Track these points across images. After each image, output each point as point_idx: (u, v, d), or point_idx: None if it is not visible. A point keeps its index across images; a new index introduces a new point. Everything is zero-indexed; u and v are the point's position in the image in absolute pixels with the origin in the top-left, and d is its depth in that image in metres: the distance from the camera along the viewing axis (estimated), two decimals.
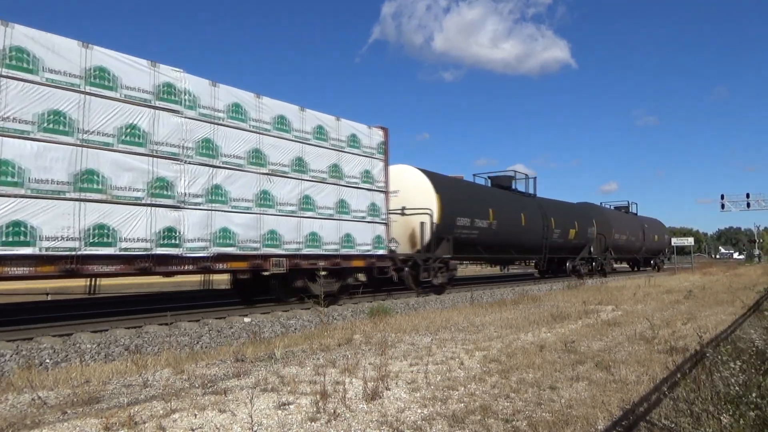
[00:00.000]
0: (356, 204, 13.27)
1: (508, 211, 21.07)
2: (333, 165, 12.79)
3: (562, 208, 26.82)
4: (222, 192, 10.25)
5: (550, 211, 24.31)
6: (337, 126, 13.09)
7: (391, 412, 4.25)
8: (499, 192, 22.46)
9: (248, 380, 5.20)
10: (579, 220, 26.98)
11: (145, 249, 8.95)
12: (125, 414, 3.98)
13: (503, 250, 21.24)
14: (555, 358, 6.30)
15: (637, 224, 37.12)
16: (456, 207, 17.56)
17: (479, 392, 4.86)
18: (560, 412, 4.23)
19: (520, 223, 21.55)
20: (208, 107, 10.19)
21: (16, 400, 4.67)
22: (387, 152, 14.58)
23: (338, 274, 12.98)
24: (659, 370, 5.62)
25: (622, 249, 33.79)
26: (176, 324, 9.53)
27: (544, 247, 23.75)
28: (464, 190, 19.65)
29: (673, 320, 9.85)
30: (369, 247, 13.53)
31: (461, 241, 17.91)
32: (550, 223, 23.75)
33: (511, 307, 12.16)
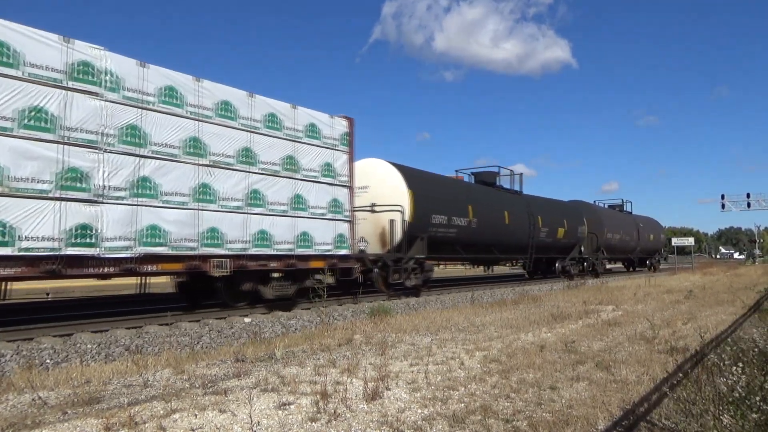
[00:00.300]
0: (315, 200, 12.24)
1: (490, 209, 19.98)
2: (288, 157, 11.69)
3: (550, 206, 25.63)
4: (151, 185, 9.17)
5: (536, 209, 23.29)
6: (293, 114, 11.97)
7: (392, 412, 4.26)
8: (480, 188, 21.34)
9: (248, 380, 5.21)
10: (568, 218, 25.85)
11: (52, 249, 7.90)
12: (126, 414, 3.98)
13: (485, 249, 20.14)
14: (555, 358, 6.30)
15: (632, 223, 36.01)
16: (431, 204, 16.49)
17: (479, 392, 4.86)
18: (560, 412, 4.23)
19: (503, 222, 20.49)
20: (135, 90, 9.08)
21: (17, 400, 4.67)
22: (352, 144, 13.45)
23: (294, 276, 12.08)
24: (660, 370, 5.62)
25: (616, 249, 32.61)
26: (176, 324, 9.54)
27: (531, 246, 22.68)
28: (441, 185, 18.33)
29: (673, 320, 9.85)
30: (330, 246, 12.51)
31: (437, 241, 16.80)
32: (537, 222, 22.70)
33: (511, 307, 12.16)
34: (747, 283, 20.72)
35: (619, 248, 33.19)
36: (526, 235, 22.22)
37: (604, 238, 29.64)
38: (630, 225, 35.33)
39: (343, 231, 12.94)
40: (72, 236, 8.17)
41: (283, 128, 11.71)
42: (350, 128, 13.49)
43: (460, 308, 12.57)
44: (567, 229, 25.16)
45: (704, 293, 16.15)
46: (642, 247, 37.39)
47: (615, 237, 31.63)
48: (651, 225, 40.78)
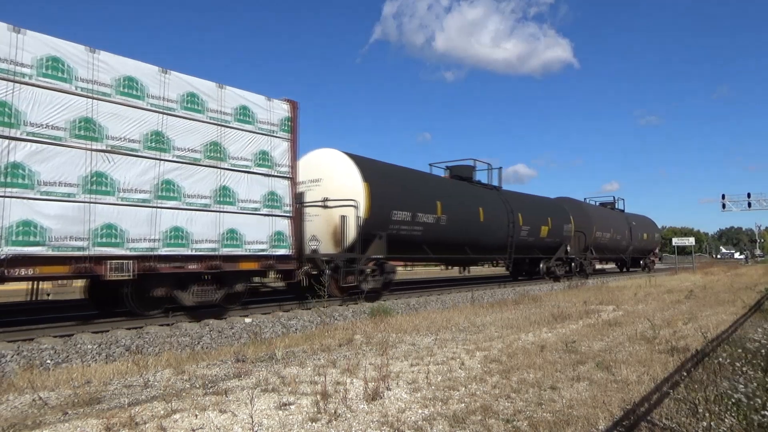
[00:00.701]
0: (246, 192, 10.74)
1: (463, 205, 18.15)
2: (212, 143, 10.17)
3: (532, 202, 23.81)
4: (24, 173, 7.84)
5: (517, 205, 21.54)
6: (220, 95, 10.44)
7: (392, 412, 4.25)
8: (451, 183, 19.46)
9: (249, 381, 5.21)
10: (553, 216, 23.98)
11: None
12: (126, 414, 3.99)
13: (457, 249, 18.40)
14: (556, 358, 6.30)
15: (624, 222, 34.20)
16: (391, 199, 14.75)
17: (480, 392, 4.86)
18: (561, 412, 4.23)
19: (477, 219, 18.68)
20: (6, 60, 7.81)
21: (18, 400, 4.67)
22: (295, 130, 11.89)
23: (221, 279, 10.55)
24: (660, 370, 5.62)
25: (606, 248, 30.63)
26: (177, 324, 9.53)
27: (510, 246, 20.91)
28: (404, 179, 16.36)
29: (674, 320, 9.84)
30: (265, 246, 11.02)
31: (400, 240, 15.17)
32: (517, 220, 20.97)
33: (512, 307, 12.16)
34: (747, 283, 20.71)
35: (610, 248, 31.43)
36: (505, 233, 20.54)
37: (593, 237, 27.84)
38: (622, 223, 33.65)
39: (282, 228, 11.41)
40: None
41: (206, 110, 10.18)
42: (293, 112, 11.86)
43: (461, 308, 12.57)
44: (551, 227, 23.46)
45: (705, 293, 16.15)
46: (635, 246, 35.76)
47: (605, 236, 29.85)
48: (645, 223, 39.00)
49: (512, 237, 20.85)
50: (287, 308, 12.14)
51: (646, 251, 39.33)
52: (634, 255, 37.00)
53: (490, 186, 21.73)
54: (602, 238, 29.36)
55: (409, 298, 14.92)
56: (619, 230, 32.36)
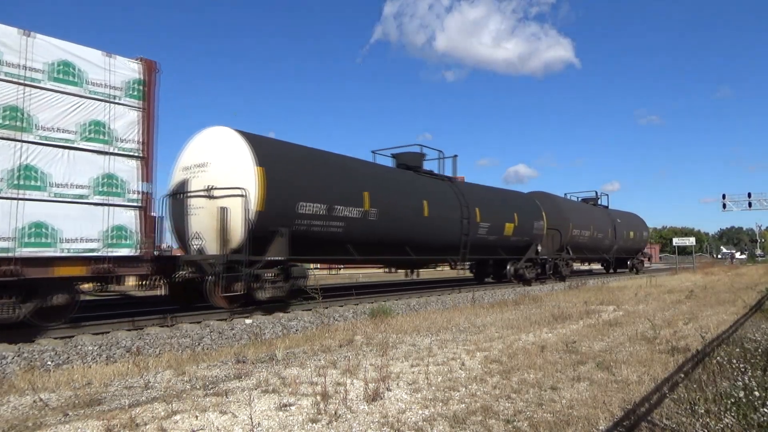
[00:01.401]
0: (66, 174, 8.29)
1: (401, 198, 15.37)
2: (8, 108, 7.77)
3: (494, 196, 20.97)
4: None
5: (474, 199, 18.75)
6: (24, 44, 7.95)
7: (392, 413, 4.26)
8: (385, 172, 16.44)
9: (249, 381, 5.21)
10: (520, 212, 21.30)
11: None
12: (127, 416, 3.99)
13: (394, 249, 15.42)
14: (556, 359, 6.30)
15: (606, 219, 31.19)
16: (298, 188, 12.08)
17: (480, 393, 4.86)
18: (561, 413, 4.23)
19: (420, 214, 15.87)
20: None
21: (18, 401, 4.68)
22: (151, 98, 9.42)
23: (30, 289, 8.07)
24: (661, 371, 5.62)
25: (585, 248, 27.66)
26: (177, 326, 9.54)
27: (464, 245, 17.94)
28: (316, 164, 13.29)
29: (674, 320, 9.84)
30: (96, 244, 8.54)
31: (313, 237, 12.49)
32: (474, 215, 18.21)
33: (512, 308, 12.17)
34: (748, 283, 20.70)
35: (590, 247, 28.28)
36: (457, 231, 17.66)
37: (569, 236, 25.12)
38: (604, 221, 30.73)
39: (125, 222, 8.92)
40: None
41: (2, 63, 7.76)
42: (147, 75, 9.37)
43: (461, 309, 12.57)
44: (518, 224, 20.74)
45: (705, 293, 16.14)
46: (620, 246, 32.90)
47: (584, 234, 26.94)
48: (631, 221, 35.99)
49: (467, 235, 17.91)
50: (287, 309, 12.13)
51: (633, 251, 36.35)
52: (619, 255, 34.10)
53: (441, 177, 18.82)
54: (581, 237, 26.60)
55: (409, 299, 14.91)
56: (601, 228, 29.56)
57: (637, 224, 36.72)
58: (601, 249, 30.31)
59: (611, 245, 31.37)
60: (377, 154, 18.68)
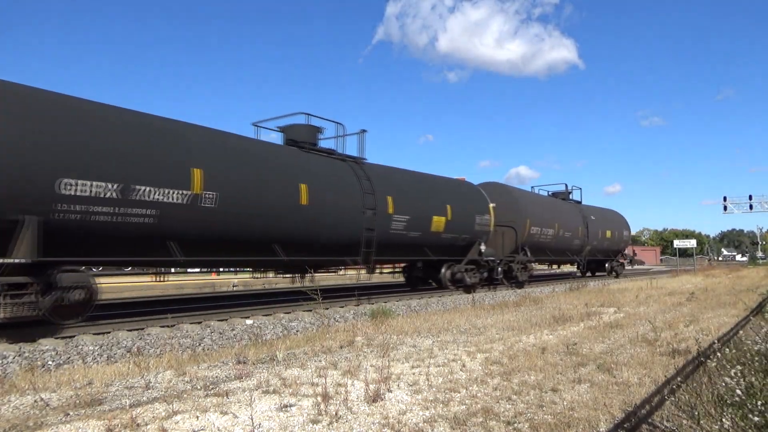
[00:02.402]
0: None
1: (261, 179, 11.44)
2: None
3: (415, 182, 16.67)
4: None
5: (385, 185, 14.69)
6: None
7: (393, 414, 4.26)
8: (236, 141, 11.84)
9: (250, 382, 5.21)
10: (456, 204, 17.33)
11: None
12: (127, 416, 3.99)
13: (250, 247, 11.51)
14: (557, 360, 6.30)
15: (577, 215, 27.11)
16: (55, 155, 8.33)
17: (481, 394, 4.86)
18: (562, 414, 4.23)
19: (295, 201, 11.93)
20: None
21: (19, 401, 4.68)
22: None
23: None
24: (661, 373, 5.62)
25: (549, 248, 23.88)
26: (178, 326, 9.54)
27: (367, 243, 13.84)
28: (98, 124, 9.22)
29: (675, 322, 9.84)
30: None
31: (95, 230, 8.84)
32: (384, 206, 14.25)
33: (512, 309, 12.16)
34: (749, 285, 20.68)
35: (555, 248, 24.48)
36: (358, 225, 13.60)
37: (527, 234, 21.64)
38: (574, 217, 26.59)
39: None
40: None
41: None
42: None
43: (462, 310, 12.57)
44: (453, 219, 16.79)
45: (706, 295, 16.13)
46: (595, 246, 28.86)
47: (546, 232, 23.24)
48: (609, 219, 31.81)
49: (372, 230, 13.89)
50: (288, 310, 12.11)
51: (611, 252, 32.10)
52: (594, 257, 29.85)
53: (340, 156, 14.46)
54: (542, 235, 22.96)
55: (410, 300, 14.90)
56: (569, 226, 25.53)
57: (615, 222, 32.66)
58: (570, 250, 26.42)
59: (582, 245, 27.41)
60: (259, 127, 14.22)
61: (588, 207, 29.92)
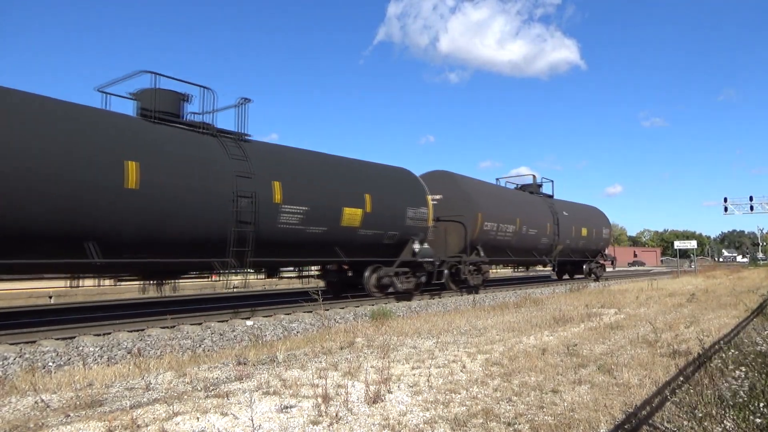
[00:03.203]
0: None
1: (63, 150, 8.57)
2: None
3: (318, 165, 13.21)
4: None
5: (271, 167, 11.73)
6: None
7: (393, 415, 4.26)
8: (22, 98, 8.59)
9: (250, 383, 5.21)
10: (379, 193, 14.11)
11: None
12: (128, 417, 3.99)
13: (35, 247, 8.50)
14: (557, 362, 6.29)
15: (545, 211, 23.83)
16: None
17: (481, 395, 4.86)
18: (562, 416, 4.23)
19: (117, 184, 9.07)
20: None
21: (20, 403, 4.68)
22: None
23: None
24: (662, 374, 5.61)
25: (509, 247, 20.74)
26: (178, 327, 9.55)
27: (240, 240, 10.76)
28: None
29: (675, 323, 9.83)
30: None
31: None
32: (270, 192, 11.28)
33: (513, 310, 12.16)
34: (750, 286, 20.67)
35: (517, 247, 21.28)
36: (224, 217, 10.51)
37: (479, 231, 18.47)
38: (541, 213, 23.35)
39: None
40: None
41: None
42: None
43: (462, 311, 12.57)
44: (373, 210, 13.66)
45: (707, 296, 16.12)
46: (568, 245, 25.52)
47: (505, 229, 20.11)
48: (585, 215, 28.47)
49: (249, 224, 10.78)
50: (288, 311, 12.11)
51: (588, 252, 28.34)
52: (567, 257, 26.49)
53: (208, 130, 11.10)
54: (499, 233, 19.75)
55: (410, 302, 14.90)
56: (534, 222, 22.34)
57: (593, 219, 29.11)
58: (537, 250, 22.93)
59: (552, 244, 23.86)
60: (105, 93, 10.71)
61: (560, 202, 26.48)
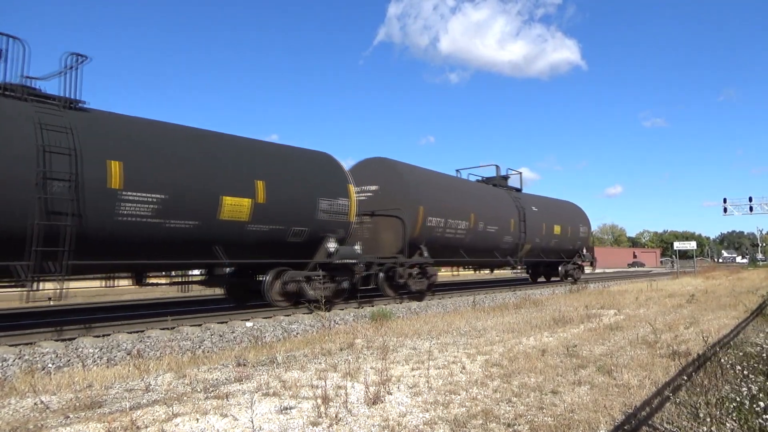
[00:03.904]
0: None
1: None
2: None
3: (184, 141, 10.42)
4: None
5: (102, 142, 8.98)
6: None
7: (393, 416, 4.26)
8: None
9: (250, 385, 5.21)
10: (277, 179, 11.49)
11: None
12: (127, 418, 3.99)
13: None
14: (557, 363, 6.29)
15: (509, 205, 20.51)
16: None
17: (481, 396, 4.86)
18: (562, 417, 4.23)
19: None
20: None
21: (19, 404, 4.68)
22: None
23: None
24: (662, 375, 5.62)
25: (462, 247, 17.58)
26: (178, 328, 9.54)
27: (43, 236, 8.00)
28: None
29: (675, 324, 9.83)
30: None
31: None
32: (101, 174, 8.70)
33: (512, 311, 12.16)
34: (749, 287, 20.68)
35: (472, 246, 18.00)
36: (17, 207, 7.99)
37: (422, 227, 15.48)
38: (503, 208, 20.04)
39: None
40: None
41: None
42: None
43: (462, 312, 12.57)
44: (268, 201, 11.04)
45: (706, 297, 16.13)
46: (537, 244, 22.14)
47: (456, 226, 16.96)
48: (558, 211, 24.85)
49: (66, 215, 8.28)
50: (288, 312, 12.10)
51: (563, 253, 24.86)
52: (537, 258, 23.12)
53: (14, 92, 8.66)
54: (448, 230, 16.63)
55: (410, 303, 14.89)
56: (494, 218, 19.11)
57: (568, 215, 25.43)
58: (499, 249, 19.69)
59: (517, 243, 20.58)
60: None
61: (529, 196, 23.34)
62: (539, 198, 24.34)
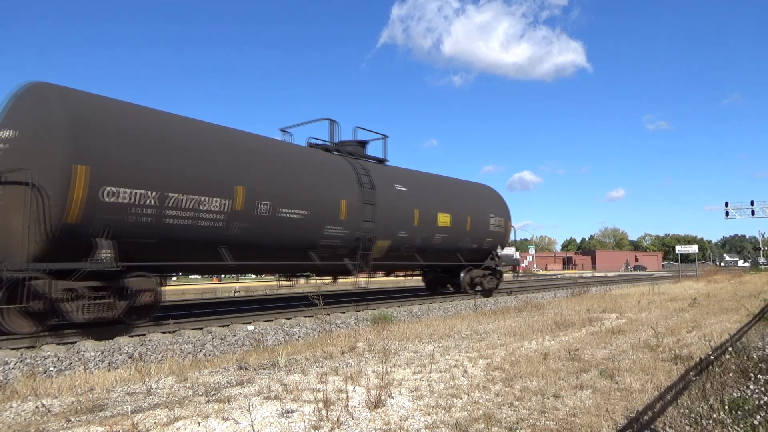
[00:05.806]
0: None
1: None
2: None
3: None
4: None
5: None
6: None
7: (395, 420, 4.25)
8: None
9: (251, 388, 5.21)
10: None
11: None
12: (129, 422, 3.99)
13: None
14: (559, 366, 6.28)
15: (339, 180, 13.43)
16: None
17: (483, 400, 4.85)
18: (564, 421, 4.22)
19: None
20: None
21: (20, 407, 4.68)
22: None
23: None
24: (664, 379, 5.60)
25: (225, 242, 10.40)
26: (180, 332, 9.54)
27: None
28: None
29: (677, 328, 9.81)
30: None
31: None
32: None
33: (514, 315, 12.14)
34: (751, 291, 20.63)
35: (246, 241, 10.83)
36: None
37: (95, 203, 8.31)
38: (326, 181, 12.89)
39: None
40: None
41: None
42: None
43: (463, 316, 12.55)
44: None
45: (708, 301, 16.08)
46: (407, 240, 15.13)
47: (198, 205, 9.71)
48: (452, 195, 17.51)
49: None
50: (290, 315, 12.10)
51: (465, 253, 17.79)
52: (409, 260, 15.89)
53: None
54: (168, 209, 9.29)
55: (411, 306, 14.88)
56: (301, 196, 12.00)
57: (473, 203, 18.34)
58: (319, 246, 12.64)
59: (359, 238, 13.49)
60: None
61: (397, 169, 16.31)
62: (420, 174, 17.30)
